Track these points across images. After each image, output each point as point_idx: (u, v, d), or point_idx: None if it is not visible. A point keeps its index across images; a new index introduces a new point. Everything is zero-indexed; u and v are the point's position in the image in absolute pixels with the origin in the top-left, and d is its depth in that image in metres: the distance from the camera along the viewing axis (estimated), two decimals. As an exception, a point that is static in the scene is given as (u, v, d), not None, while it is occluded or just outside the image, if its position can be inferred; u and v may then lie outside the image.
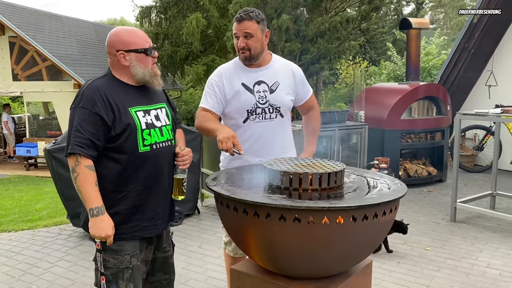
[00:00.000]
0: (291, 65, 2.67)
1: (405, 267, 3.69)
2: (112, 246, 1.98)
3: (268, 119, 2.50)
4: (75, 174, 1.92)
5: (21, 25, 12.27)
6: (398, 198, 1.88)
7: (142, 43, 2.04)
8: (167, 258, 2.26)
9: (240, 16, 2.42)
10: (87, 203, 1.91)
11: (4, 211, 6.53)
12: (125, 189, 2.01)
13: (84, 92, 1.98)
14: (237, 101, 2.47)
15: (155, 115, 2.10)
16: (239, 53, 2.49)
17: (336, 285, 1.95)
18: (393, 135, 6.17)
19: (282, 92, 2.52)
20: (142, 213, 2.06)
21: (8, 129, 13.45)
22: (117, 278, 2.00)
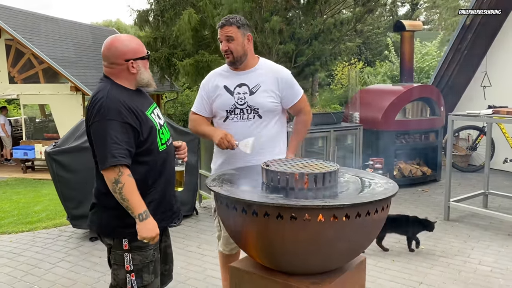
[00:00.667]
0: (278, 68, 2.74)
1: (400, 264, 3.78)
2: (139, 244, 2.08)
3: (246, 119, 2.63)
4: (119, 185, 1.96)
5: (17, 28, 12.31)
6: (390, 197, 1.96)
7: (143, 49, 2.14)
8: (166, 248, 2.38)
9: (221, 23, 2.62)
10: (135, 209, 1.98)
11: (3, 213, 6.57)
12: (151, 187, 2.12)
13: (106, 104, 1.99)
14: (218, 102, 2.67)
15: (157, 114, 2.23)
16: (224, 58, 2.66)
17: (331, 280, 2.03)
18: (388, 136, 6.27)
19: (262, 94, 2.62)
20: (164, 206, 2.20)
21: (5, 132, 13.47)
22: (141, 272, 2.11)
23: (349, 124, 6.21)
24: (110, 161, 1.94)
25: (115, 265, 2.15)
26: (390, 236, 4.43)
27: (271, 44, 7.93)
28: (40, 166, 12.40)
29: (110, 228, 2.12)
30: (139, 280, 2.12)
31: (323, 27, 8.30)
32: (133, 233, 2.05)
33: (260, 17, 7.88)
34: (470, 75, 7.99)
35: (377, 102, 6.47)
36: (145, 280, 2.13)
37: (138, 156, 2.06)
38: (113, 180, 1.97)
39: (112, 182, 1.97)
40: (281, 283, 2.03)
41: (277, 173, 2.06)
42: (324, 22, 8.42)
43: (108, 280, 3.55)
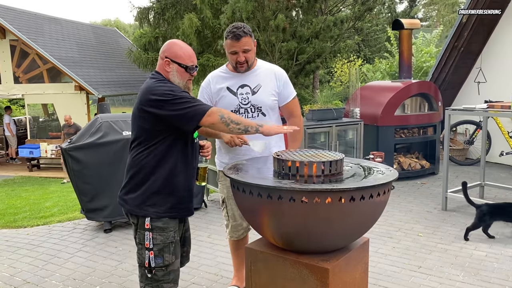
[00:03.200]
0: (275, 68, 2.95)
1: (400, 251, 4.00)
2: (160, 225, 2.30)
3: (251, 117, 2.81)
4: (225, 118, 2.23)
5: (22, 29, 12.51)
6: (391, 181, 2.17)
7: (186, 60, 2.33)
8: (185, 231, 2.60)
9: (237, 34, 2.66)
10: (250, 126, 2.29)
11: (15, 209, 6.78)
12: (183, 174, 2.35)
13: (166, 89, 2.23)
14: (222, 103, 2.80)
15: None
16: (236, 66, 2.77)
17: (338, 258, 2.25)
18: (387, 130, 6.48)
19: (264, 93, 2.82)
20: (190, 195, 2.43)
21: (10, 131, 13.68)
22: (163, 252, 2.31)
23: (350, 120, 6.42)
24: (201, 108, 2.20)
25: (139, 245, 2.36)
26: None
27: (274, 42, 8.13)
28: (45, 164, 12.62)
29: (136, 206, 2.33)
30: (160, 260, 2.31)
31: (324, 25, 8.51)
32: (157, 213, 2.29)
33: (262, 16, 8.07)
34: (466, 72, 8.21)
35: (377, 98, 6.68)
36: (166, 260, 2.33)
37: (178, 140, 2.29)
38: (219, 118, 2.21)
39: (219, 119, 2.21)
40: (292, 261, 2.24)
41: (288, 161, 2.27)
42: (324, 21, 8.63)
43: (126, 267, 3.80)
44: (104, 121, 4.76)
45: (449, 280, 3.41)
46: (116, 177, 4.53)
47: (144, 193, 2.31)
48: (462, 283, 3.35)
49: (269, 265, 2.34)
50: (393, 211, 5.13)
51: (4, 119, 13.82)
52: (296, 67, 8.76)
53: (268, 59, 8.52)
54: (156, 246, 2.31)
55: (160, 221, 2.31)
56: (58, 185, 9.97)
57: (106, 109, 10.08)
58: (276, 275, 2.31)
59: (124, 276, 3.64)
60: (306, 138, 5.85)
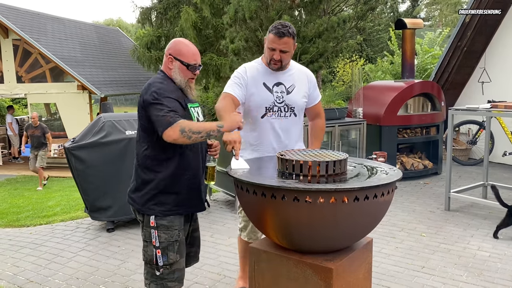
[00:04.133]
0: (306, 70, 2.98)
1: (403, 251, 3.99)
2: (165, 223, 2.32)
3: (283, 117, 2.82)
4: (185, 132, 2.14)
5: (25, 28, 12.52)
6: (394, 181, 2.17)
7: (189, 58, 2.34)
8: (193, 232, 2.61)
9: (281, 32, 2.63)
10: (211, 128, 2.21)
11: (18, 208, 6.80)
12: (187, 172, 2.36)
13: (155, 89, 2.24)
14: (257, 98, 2.76)
15: (197, 112, 2.48)
16: (269, 63, 2.74)
17: (342, 258, 2.24)
18: (390, 130, 6.47)
19: (297, 94, 2.83)
20: (195, 193, 2.42)
21: (12, 131, 13.71)
22: (167, 251, 2.33)
23: (353, 119, 6.41)
24: (169, 119, 2.15)
25: (144, 242, 2.39)
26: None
27: (277, 42, 8.10)
28: (49, 163, 12.61)
29: (141, 205, 2.36)
30: (165, 258, 2.33)
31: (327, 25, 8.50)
32: (162, 211, 2.31)
33: (266, 16, 8.06)
34: (469, 72, 8.19)
35: (380, 98, 6.67)
36: (170, 258, 2.34)
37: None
38: (180, 132, 2.13)
39: (179, 134, 2.13)
40: (296, 261, 2.24)
41: (292, 161, 2.26)
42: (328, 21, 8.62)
43: (129, 267, 3.80)
44: (107, 121, 4.77)
45: (452, 280, 3.40)
46: (119, 176, 4.53)
47: (149, 192, 2.33)
48: (465, 284, 3.35)
49: (272, 265, 2.34)
50: (396, 211, 5.12)
51: (6, 118, 13.85)
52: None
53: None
54: (160, 244, 2.33)
55: (165, 220, 2.33)
56: (60, 184, 9.97)
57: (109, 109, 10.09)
58: (279, 275, 2.31)
59: (127, 275, 3.65)
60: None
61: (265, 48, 2.77)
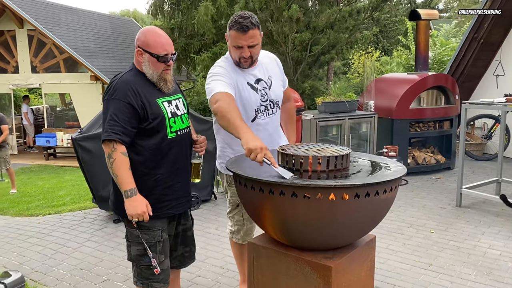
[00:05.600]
0: (271, 55, 2.76)
1: (410, 247, 3.91)
2: (145, 224, 2.24)
3: (271, 114, 2.63)
4: (111, 160, 2.13)
5: (39, 19, 12.61)
6: (398, 178, 2.09)
7: (158, 49, 2.19)
8: (186, 231, 2.54)
9: (244, 26, 2.34)
10: (122, 186, 2.13)
11: (29, 197, 6.88)
12: (157, 172, 2.25)
13: (116, 85, 2.19)
14: (243, 100, 2.51)
15: (175, 105, 2.35)
16: (239, 62, 2.47)
17: (342, 255, 2.18)
18: (402, 124, 6.35)
19: (276, 86, 2.65)
20: (173, 193, 2.32)
21: (27, 120, 13.88)
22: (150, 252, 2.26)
23: (364, 113, 6.31)
24: (104, 136, 2.12)
25: (127, 242, 2.34)
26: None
27: (288, 32, 8.02)
28: (61, 153, 12.78)
29: (117, 208, 2.30)
30: (147, 259, 2.25)
31: (339, 15, 8.35)
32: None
33: (276, 6, 7.96)
34: (486, 64, 7.97)
35: (392, 90, 6.54)
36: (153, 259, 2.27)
37: (142, 139, 2.20)
38: (107, 155, 2.13)
39: (107, 156, 2.13)
40: (295, 257, 2.18)
41: (292, 156, 2.20)
42: (340, 11, 8.47)
43: (132, 259, 3.79)
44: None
45: (460, 279, 3.32)
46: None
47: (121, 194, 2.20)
48: (473, 283, 3.26)
49: (271, 261, 2.29)
50: (405, 207, 5.03)
51: (22, 108, 14.02)
52: (310, 58, 8.63)
53: (281, 50, 8.41)
54: (142, 245, 2.26)
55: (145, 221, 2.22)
56: (73, 174, 10.07)
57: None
58: (278, 271, 2.26)
59: (130, 267, 3.61)
60: (318, 131, 5.77)
61: (229, 47, 2.48)
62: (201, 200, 5.13)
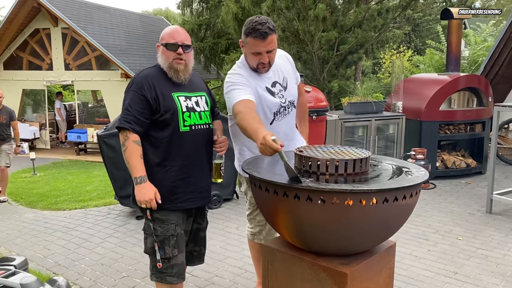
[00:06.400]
0: (283, 53, 2.74)
1: (435, 254, 3.78)
2: (159, 216, 2.28)
3: (287, 114, 2.63)
4: (124, 148, 2.25)
5: (73, 17, 12.91)
6: (418, 184, 2.01)
7: (167, 39, 2.31)
8: (199, 231, 2.56)
9: (263, 32, 2.32)
10: (133, 172, 2.23)
11: (58, 191, 7.06)
12: (168, 164, 2.31)
13: (135, 79, 2.33)
14: (263, 104, 2.50)
15: (195, 101, 2.40)
16: (257, 68, 2.46)
17: (359, 262, 2.11)
18: (431, 126, 6.16)
19: (291, 85, 2.65)
20: (185, 186, 2.35)
21: (60, 116, 14.25)
22: (163, 244, 2.30)
23: (391, 114, 6.16)
24: (117, 124, 2.27)
25: (144, 234, 2.38)
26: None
27: (314, 31, 7.92)
28: (91, 149, 13.06)
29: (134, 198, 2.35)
30: (161, 252, 2.32)
31: (367, 14, 8.18)
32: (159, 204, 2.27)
33: (303, 5, 7.87)
34: (523, 65, 7.66)
35: (421, 91, 6.36)
36: (167, 252, 2.32)
37: (155, 130, 2.29)
38: (122, 143, 2.26)
39: (121, 144, 2.26)
40: (310, 262, 2.13)
41: (309, 158, 2.15)
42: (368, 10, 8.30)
43: (152, 256, 3.82)
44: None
45: (486, 290, 3.18)
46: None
47: None
48: (501, 294, 3.12)
49: (286, 265, 2.25)
50: (432, 211, 4.88)
51: (55, 104, 14.40)
52: (337, 57, 8.50)
53: (307, 49, 8.31)
54: (157, 238, 2.31)
55: (158, 213, 2.30)
56: (101, 169, 10.27)
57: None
58: (293, 276, 2.22)
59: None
60: (343, 132, 5.67)
61: (245, 53, 2.47)
62: (222, 198, 5.13)
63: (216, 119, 2.60)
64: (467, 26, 18.97)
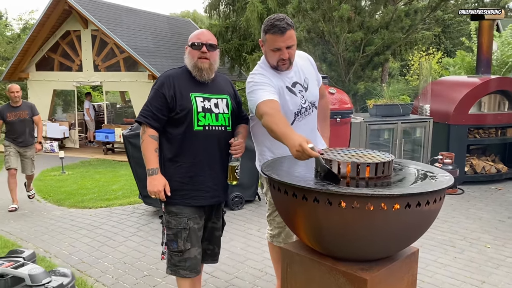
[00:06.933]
0: (304, 54, 2.75)
1: (462, 262, 3.67)
2: (174, 210, 2.39)
3: (308, 115, 2.62)
4: (141, 141, 2.41)
5: (102, 19, 13.19)
6: (443, 189, 1.95)
7: (193, 39, 2.43)
8: (214, 230, 2.60)
9: (281, 27, 2.32)
10: (147, 164, 2.37)
11: (86, 190, 7.21)
12: (179, 160, 2.40)
13: (159, 78, 2.46)
14: (284, 104, 2.47)
15: (214, 103, 2.44)
16: (277, 65, 2.45)
17: (379, 268, 2.07)
18: (460, 129, 6.00)
19: (313, 86, 2.64)
20: (193, 183, 2.41)
21: (89, 116, 14.58)
22: (176, 237, 2.39)
23: (418, 117, 6.03)
24: (137, 118, 2.41)
25: (162, 227, 2.49)
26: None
27: (339, 32, 7.83)
28: (119, 148, 13.30)
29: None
30: (175, 245, 2.40)
31: (395, 15, 8.04)
32: (170, 198, 2.38)
33: (328, 6, 7.80)
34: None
35: (450, 94, 6.20)
36: (179, 245, 2.39)
37: (170, 127, 2.41)
38: (140, 136, 2.42)
39: (140, 137, 2.42)
40: (329, 267, 2.10)
41: (330, 161, 2.12)
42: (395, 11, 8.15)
43: (174, 255, 3.84)
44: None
45: (515, 300, 3.06)
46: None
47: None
48: (531, 305, 3.00)
49: (305, 268, 2.22)
50: (459, 218, 4.74)
51: (84, 104, 14.74)
52: (363, 59, 8.38)
53: (333, 50, 8.22)
54: (170, 230, 2.40)
55: (173, 207, 2.40)
56: (127, 169, 10.43)
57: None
58: (312, 280, 2.18)
59: (171, 264, 3.69)
60: (368, 134, 5.58)
61: (265, 51, 2.47)
62: (244, 200, 5.13)
63: (243, 123, 2.65)
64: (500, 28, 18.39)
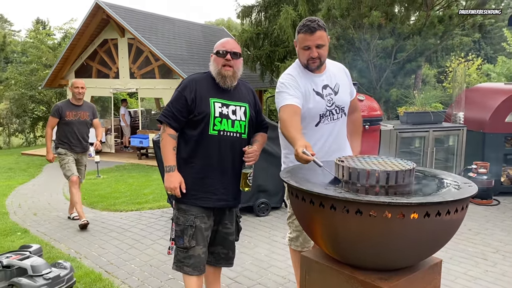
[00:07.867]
0: (340, 65, 2.85)
1: (494, 276, 3.53)
2: (183, 207, 2.49)
3: (336, 119, 2.66)
4: (160, 139, 2.52)
5: (138, 28, 13.58)
6: (464, 199, 1.89)
7: (218, 47, 2.52)
8: (227, 234, 2.65)
9: (312, 27, 2.47)
10: (165, 161, 2.48)
11: (119, 193, 7.40)
12: (192, 161, 2.50)
13: (183, 81, 2.57)
14: (311, 107, 2.57)
15: (232, 110, 2.52)
16: (307, 64, 2.56)
17: (399, 278, 2.03)
18: (496, 138, 5.79)
19: (343, 92, 2.69)
20: (202, 185, 2.49)
21: (124, 122, 14.99)
22: (183, 234, 2.47)
23: (451, 125, 5.87)
24: (158, 117, 2.53)
25: (172, 222, 2.58)
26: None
27: (369, 39, 7.74)
28: (153, 153, 13.57)
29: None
30: (181, 241, 2.48)
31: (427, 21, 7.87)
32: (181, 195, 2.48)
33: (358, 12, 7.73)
34: None
35: (485, 101, 6.01)
36: (185, 242, 2.46)
37: (188, 129, 2.52)
38: (160, 134, 2.53)
39: (160, 136, 2.55)
40: (348, 275, 2.08)
41: (349, 168, 2.10)
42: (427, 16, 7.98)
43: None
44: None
45: (550, 318, 2.92)
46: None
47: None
48: None
49: (324, 276, 2.20)
50: (493, 229, 4.57)
51: (120, 110, 15.16)
52: (395, 65, 8.24)
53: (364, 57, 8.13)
54: (178, 227, 2.48)
55: (183, 204, 2.50)
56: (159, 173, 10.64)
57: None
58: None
59: (196, 268, 3.74)
60: (398, 142, 5.48)
61: (298, 51, 2.60)
62: (270, 207, 5.13)
63: (262, 131, 2.73)
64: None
